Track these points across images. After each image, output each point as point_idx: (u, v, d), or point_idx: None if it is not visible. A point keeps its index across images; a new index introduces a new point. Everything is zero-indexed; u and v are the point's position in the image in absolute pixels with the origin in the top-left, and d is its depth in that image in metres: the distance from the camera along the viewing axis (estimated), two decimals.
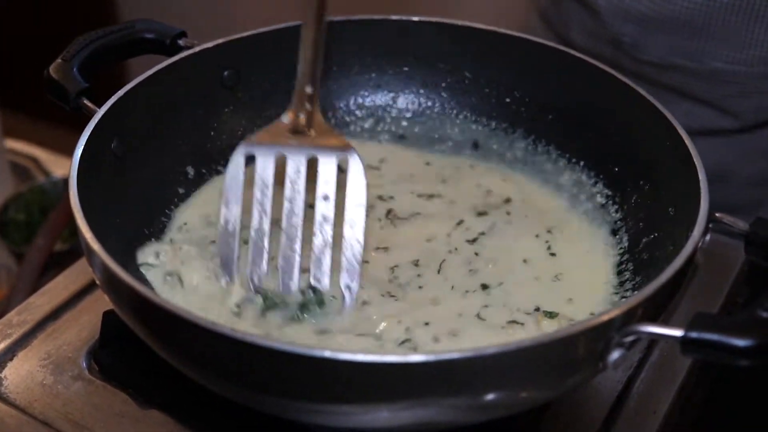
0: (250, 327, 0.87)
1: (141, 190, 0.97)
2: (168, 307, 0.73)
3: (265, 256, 0.90)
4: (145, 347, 0.81)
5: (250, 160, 0.90)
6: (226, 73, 1.06)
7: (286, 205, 0.90)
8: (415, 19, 1.09)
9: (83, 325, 1.00)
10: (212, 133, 1.06)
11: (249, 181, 0.91)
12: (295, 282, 0.89)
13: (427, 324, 0.88)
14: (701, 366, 0.99)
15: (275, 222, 0.90)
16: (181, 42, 1.05)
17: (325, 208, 0.89)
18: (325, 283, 0.89)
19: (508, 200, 1.04)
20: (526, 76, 1.08)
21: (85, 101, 0.96)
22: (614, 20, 1.30)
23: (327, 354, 0.68)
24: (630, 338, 0.73)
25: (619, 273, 0.95)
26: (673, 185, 0.91)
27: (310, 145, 0.91)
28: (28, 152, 1.89)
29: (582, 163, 1.05)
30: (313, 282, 0.89)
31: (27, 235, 1.64)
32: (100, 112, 0.92)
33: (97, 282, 0.83)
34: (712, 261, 1.08)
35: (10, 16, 2.45)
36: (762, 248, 0.81)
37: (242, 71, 1.07)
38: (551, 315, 0.89)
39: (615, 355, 0.74)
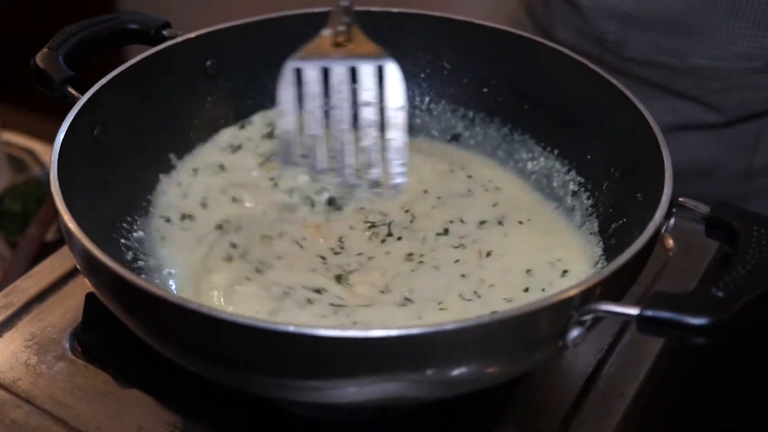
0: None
1: (123, 177, 0.99)
2: (142, 285, 0.75)
3: (325, 158, 1.02)
4: (126, 329, 0.83)
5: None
6: (208, 62, 1.08)
7: (333, 113, 1.01)
8: (395, 10, 1.11)
9: (68, 307, 1.03)
10: (195, 121, 1.08)
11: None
12: (351, 174, 1.02)
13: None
14: (671, 350, 1.01)
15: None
16: (165, 32, 1.07)
17: (369, 113, 1.01)
18: (376, 173, 1.02)
19: (485, 188, 1.06)
20: (502, 67, 1.10)
21: (70, 89, 0.98)
22: (598, 18, 1.32)
23: (290, 329, 0.70)
24: (588, 316, 0.75)
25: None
26: (642, 172, 0.93)
27: (351, 55, 1.00)
28: (24, 144, 1.92)
29: (556, 151, 1.07)
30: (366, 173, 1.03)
31: (22, 225, 1.66)
32: (83, 99, 0.94)
33: (77, 264, 0.85)
34: (686, 248, 1.09)
35: (7, 11, 2.48)
36: (722, 231, 0.83)
37: (225, 61, 1.09)
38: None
39: (574, 333, 0.76)
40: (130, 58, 1.01)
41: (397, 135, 1.02)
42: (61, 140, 0.89)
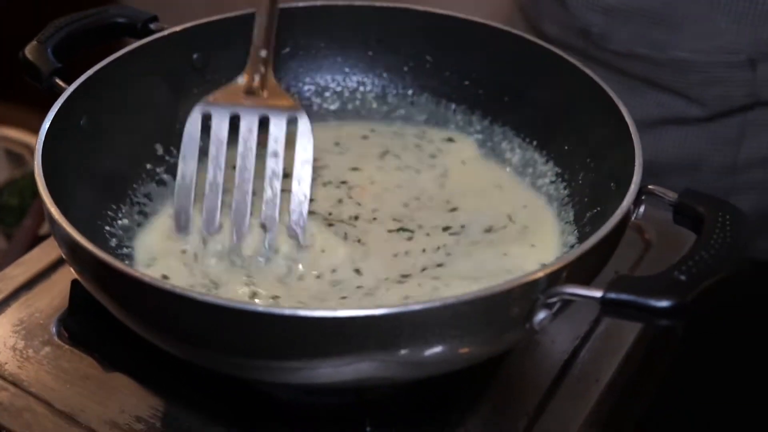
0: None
1: (109, 166, 1.01)
2: (118, 266, 0.77)
3: (218, 208, 0.96)
4: (110, 315, 0.85)
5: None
6: (195, 55, 1.10)
7: (238, 161, 0.96)
8: (377, 4, 1.13)
9: (55, 294, 1.05)
10: (180, 113, 1.09)
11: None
12: (246, 232, 0.95)
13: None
14: (647, 339, 1.03)
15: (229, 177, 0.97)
16: (152, 26, 1.10)
17: (274, 164, 0.95)
18: (273, 232, 0.95)
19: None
20: (483, 60, 1.12)
21: (58, 80, 1.00)
22: (582, 11, 1.34)
23: (259, 309, 0.73)
24: (554, 299, 0.77)
25: (565, 245, 0.99)
26: (616, 162, 0.94)
27: (263, 106, 0.97)
28: (22, 140, 1.95)
29: (535, 142, 1.09)
30: (263, 231, 0.95)
31: (20, 218, 1.68)
32: (69, 90, 0.96)
33: (60, 250, 0.87)
34: (664, 238, 1.12)
35: (6, 10, 2.50)
36: (688, 217, 0.85)
37: (211, 54, 1.11)
38: None
39: (541, 315, 0.77)
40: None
41: (302, 189, 0.95)
42: (46, 129, 0.91)
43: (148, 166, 1.06)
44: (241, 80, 0.98)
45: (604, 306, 0.75)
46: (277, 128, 0.96)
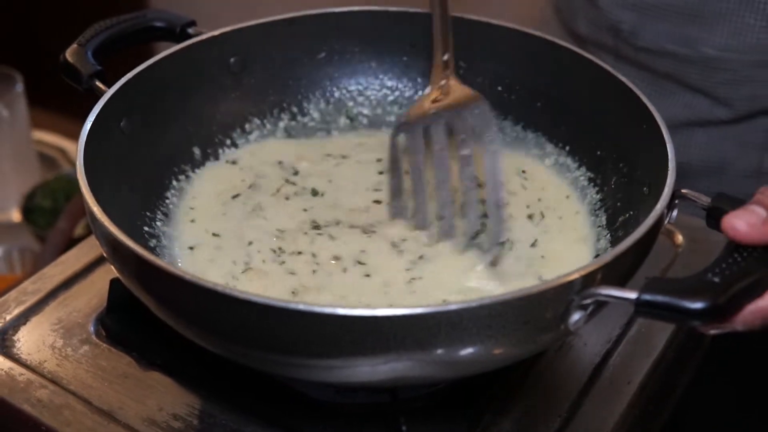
0: None
1: (148, 168, 1.03)
2: (161, 265, 0.78)
3: (429, 213, 1.02)
4: (148, 313, 0.86)
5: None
6: (232, 60, 1.12)
7: (437, 171, 1.01)
8: (412, 10, 1.14)
9: (93, 294, 1.07)
10: (218, 116, 1.11)
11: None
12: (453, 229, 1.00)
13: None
14: (679, 342, 1.04)
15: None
16: (190, 30, 1.11)
17: (466, 163, 1.00)
18: (473, 219, 1.00)
19: None
20: (515, 66, 1.13)
21: (97, 83, 1.01)
22: (612, 8, 1.34)
23: (300, 307, 0.73)
24: (589, 300, 0.78)
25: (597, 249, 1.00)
26: (648, 166, 0.95)
27: (447, 108, 1.03)
28: (55, 143, 1.98)
29: (568, 147, 1.10)
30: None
31: (52, 220, 1.70)
32: (110, 92, 0.98)
33: (101, 248, 0.88)
34: (695, 244, 1.12)
35: (39, 18, 2.53)
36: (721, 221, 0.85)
37: (248, 59, 1.13)
38: None
39: (576, 316, 0.78)
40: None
41: (495, 177, 0.98)
42: (88, 130, 0.93)
43: (186, 168, 1.08)
44: (428, 91, 1.05)
45: (639, 307, 0.75)
46: (463, 127, 1.01)
